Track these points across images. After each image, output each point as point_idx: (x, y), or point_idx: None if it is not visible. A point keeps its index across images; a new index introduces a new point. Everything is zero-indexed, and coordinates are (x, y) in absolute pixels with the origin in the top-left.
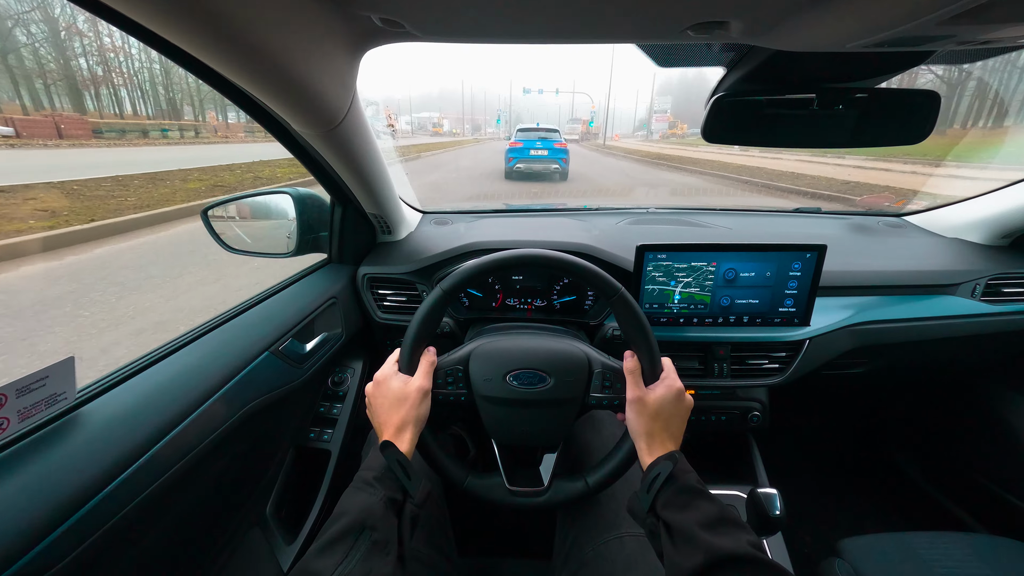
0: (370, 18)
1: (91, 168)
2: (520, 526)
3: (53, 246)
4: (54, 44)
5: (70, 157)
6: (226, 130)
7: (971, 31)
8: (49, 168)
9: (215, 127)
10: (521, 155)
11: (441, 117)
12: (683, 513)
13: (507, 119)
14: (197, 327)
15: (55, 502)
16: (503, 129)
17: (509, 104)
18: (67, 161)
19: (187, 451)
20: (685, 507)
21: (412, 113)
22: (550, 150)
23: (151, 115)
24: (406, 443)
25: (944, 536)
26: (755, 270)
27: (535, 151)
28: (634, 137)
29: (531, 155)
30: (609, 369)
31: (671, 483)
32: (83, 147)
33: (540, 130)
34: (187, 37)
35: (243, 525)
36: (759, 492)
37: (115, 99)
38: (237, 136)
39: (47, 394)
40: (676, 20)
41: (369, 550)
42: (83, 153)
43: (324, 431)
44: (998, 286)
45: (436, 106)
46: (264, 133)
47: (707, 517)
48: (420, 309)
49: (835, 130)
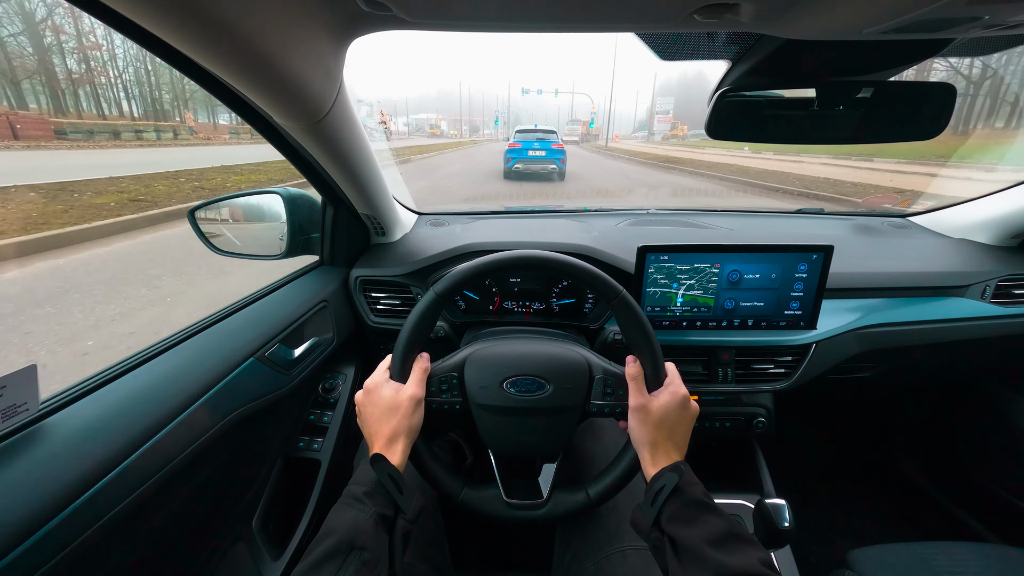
0: (356, 3)
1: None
2: (518, 539)
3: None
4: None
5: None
6: (212, 132)
7: (1002, 12)
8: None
9: (192, 128)
10: (520, 156)
11: (439, 118)
12: (689, 528)
13: (505, 120)
14: (176, 333)
15: (13, 522)
16: (501, 130)
17: (508, 105)
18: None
19: (163, 464)
20: (691, 522)
21: (410, 115)
22: (547, 151)
23: (138, 116)
24: (398, 455)
25: (955, 546)
26: (760, 272)
27: (533, 152)
28: (634, 138)
29: (529, 156)
30: (610, 375)
31: (676, 496)
32: (38, 149)
33: (538, 131)
34: (160, 22)
35: (227, 540)
36: (767, 503)
37: (95, 99)
38: (221, 138)
39: (5, 405)
40: (683, 2)
41: (358, 571)
42: (27, 156)
43: (314, 440)
44: (1008, 287)
45: (434, 107)
46: (252, 135)
47: (715, 533)
48: (413, 313)
49: (844, 126)
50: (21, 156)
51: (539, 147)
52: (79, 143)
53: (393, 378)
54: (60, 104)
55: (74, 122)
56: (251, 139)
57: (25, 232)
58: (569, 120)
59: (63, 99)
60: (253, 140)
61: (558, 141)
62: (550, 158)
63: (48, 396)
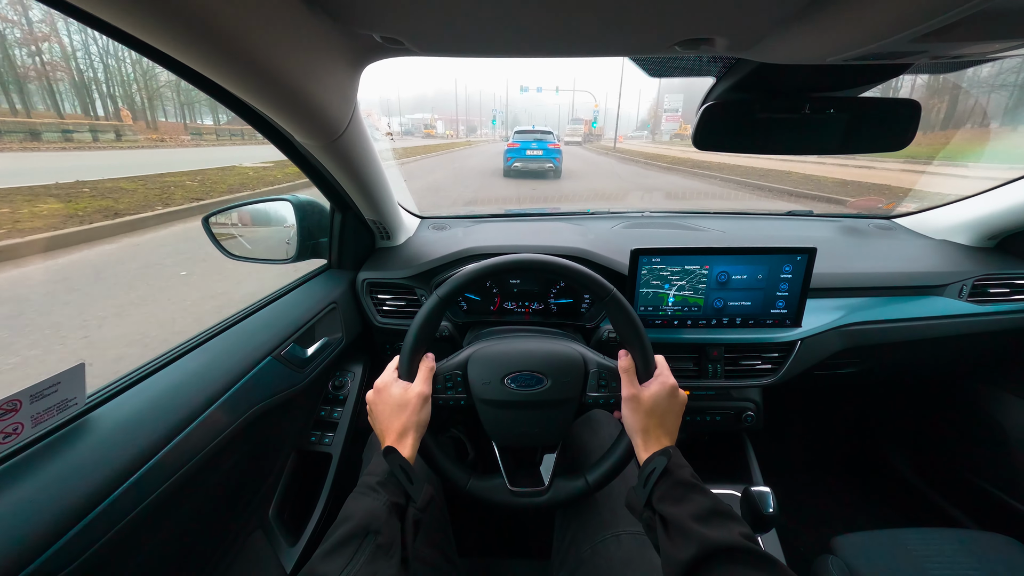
0: (371, 36)
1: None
2: (519, 526)
3: None
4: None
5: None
6: (162, 131)
7: (941, 48)
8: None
9: (130, 127)
10: (518, 155)
11: (434, 118)
12: (677, 506)
13: (503, 120)
14: (200, 333)
15: (67, 506)
16: (499, 130)
17: (506, 104)
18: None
19: (192, 455)
20: (680, 500)
21: (404, 115)
22: (545, 150)
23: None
24: (408, 448)
25: (935, 532)
26: (747, 273)
27: (531, 151)
28: (638, 138)
29: (527, 155)
30: (604, 368)
31: (666, 477)
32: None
33: (536, 132)
34: (195, 55)
35: (246, 528)
36: (753, 490)
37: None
38: (178, 139)
39: (59, 399)
40: (664, 37)
41: (374, 553)
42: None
43: (325, 435)
44: (984, 286)
45: (430, 107)
46: (223, 138)
47: (700, 509)
48: (418, 316)
49: (823, 137)
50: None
51: (536, 147)
52: None
53: (401, 377)
54: None
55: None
56: (211, 142)
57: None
58: (570, 119)
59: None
60: (210, 143)
61: (555, 141)
62: (547, 157)
63: (91, 392)
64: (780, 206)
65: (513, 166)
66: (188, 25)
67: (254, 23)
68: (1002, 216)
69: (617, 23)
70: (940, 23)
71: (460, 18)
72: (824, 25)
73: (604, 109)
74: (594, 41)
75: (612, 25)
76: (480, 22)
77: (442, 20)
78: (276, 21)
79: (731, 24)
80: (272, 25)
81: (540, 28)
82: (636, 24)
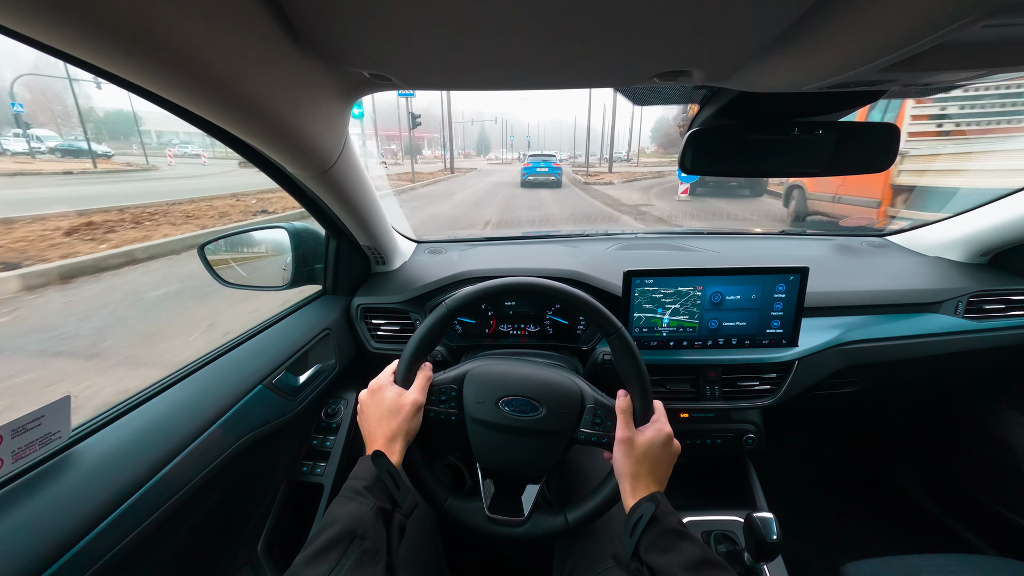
0: (360, 72)
1: None
2: (516, 554)
3: None
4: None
5: None
6: None
7: (909, 76)
8: None
9: None
10: (530, 171)
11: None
12: (666, 556)
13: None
14: (191, 363)
15: (48, 542)
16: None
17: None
18: None
19: (179, 488)
20: (668, 550)
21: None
22: (549, 168)
23: None
24: (396, 454)
25: (948, 558)
26: (740, 293)
27: (540, 168)
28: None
29: (537, 171)
30: (601, 406)
31: (654, 525)
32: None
33: (543, 155)
34: (188, 95)
35: (234, 563)
36: (756, 517)
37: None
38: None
39: (42, 433)
40: (643, 69)
41: (359, 558)
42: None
43: (317, 464)
44: (979, 303)
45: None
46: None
47: (690, 559)
48: (423, 325)
49: (807, 159)
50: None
51: (543, 165)
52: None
53: (397, 382)
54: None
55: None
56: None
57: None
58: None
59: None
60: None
61: (556, 161)
62: (551, 173)
63: (76, 424)
64: None
65: (527, 179)
66: (183, 68)
67: (247, 65)
68: (994, 232)
69: (596, 57)
70: (905, 54)
71: (445, 55)
72: (797, 55)
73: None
74: (574, 74)
75: (591, 59)
76: (464, 58)
77: (428, 57)
78: (268, 63)
79: (707, 57)
80: (264, 67)
81: (520, 63)
82: (614, 58)
